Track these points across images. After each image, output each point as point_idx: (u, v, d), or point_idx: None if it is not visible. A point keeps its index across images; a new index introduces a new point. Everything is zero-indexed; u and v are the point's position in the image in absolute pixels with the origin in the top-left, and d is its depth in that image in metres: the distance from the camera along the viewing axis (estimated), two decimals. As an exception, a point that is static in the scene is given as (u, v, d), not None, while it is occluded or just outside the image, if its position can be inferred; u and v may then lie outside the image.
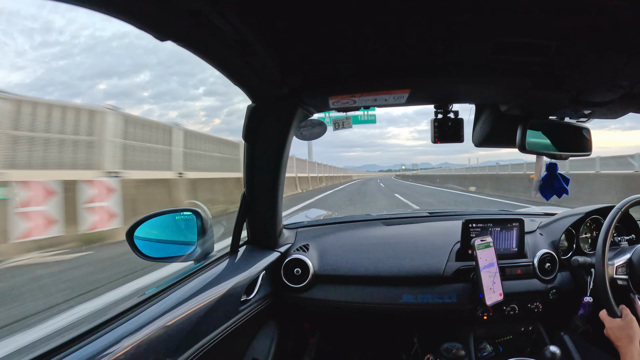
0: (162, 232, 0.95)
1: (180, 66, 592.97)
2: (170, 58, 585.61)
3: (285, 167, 1.02)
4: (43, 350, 0.54)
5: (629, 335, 0.87)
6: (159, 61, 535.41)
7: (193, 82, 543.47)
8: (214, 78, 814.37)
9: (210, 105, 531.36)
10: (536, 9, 0.56)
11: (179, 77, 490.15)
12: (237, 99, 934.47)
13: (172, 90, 60.25)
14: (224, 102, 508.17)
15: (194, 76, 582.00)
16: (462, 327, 1.18)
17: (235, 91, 27.65)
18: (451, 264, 1.13)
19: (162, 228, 0.96)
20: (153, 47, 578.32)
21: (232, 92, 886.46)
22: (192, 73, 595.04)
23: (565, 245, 1.24)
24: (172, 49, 0.87)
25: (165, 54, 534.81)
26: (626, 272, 0.99)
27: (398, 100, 0.91)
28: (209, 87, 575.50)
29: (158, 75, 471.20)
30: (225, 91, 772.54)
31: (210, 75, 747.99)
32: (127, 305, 0.69)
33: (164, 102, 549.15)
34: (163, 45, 0.57)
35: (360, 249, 1.20)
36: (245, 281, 0.93)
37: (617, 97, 0.82)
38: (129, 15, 0.48)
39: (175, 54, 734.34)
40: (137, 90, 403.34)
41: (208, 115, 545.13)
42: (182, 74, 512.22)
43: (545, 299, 1.15)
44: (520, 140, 0.89)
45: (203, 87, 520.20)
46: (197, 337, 0.73)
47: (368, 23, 0.61)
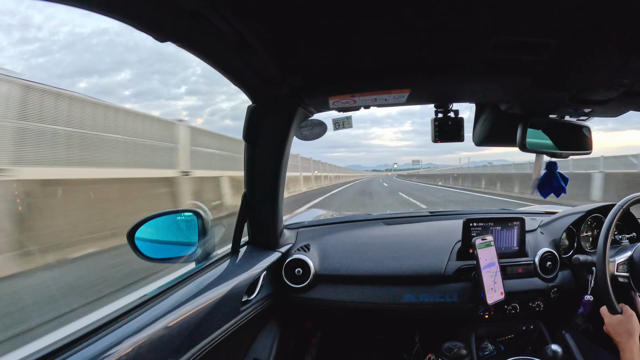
0: (163, 233, 0.95)
1: (161, 64, 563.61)
2: (151, 56, 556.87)
3: (285, 167, 1.02)
4: (45, 352, 0.54)
5: (629, 330, 0.87)
6: (139, 59, 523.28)
7: (175, 80, 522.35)
8: (196, 77, 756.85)
9: (193, 104, 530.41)
10: (536, 8, 0.56)
11: (160, 76, 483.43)
12: (219, 99, 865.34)
13: (154, 89, 58.08)
14: (206, 101, 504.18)
15: (176, 75, 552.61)
16: (464, 326, 1.17)
17: (217, 90, 27.02)
18: (452, 263, 1.13)
19: (163, 229, 0.96)
20: (134, 44, 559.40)
21: (214, 92, 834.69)
22: (173, 72, 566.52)
23: (566, 244, 1.24)
24: (153, 46, 0.84)
25: (146, 52, 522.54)
26: (627, 270, 0.99)
27: (398, 99, 0.91)
28: (191, 86, 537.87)
29: (139, 74, 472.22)
30: (208, 90, 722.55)
31: (192, 74, 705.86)
32: (128, 307, 0.69)
33: (145, 102, 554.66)
34: (143, 43, 0.56)
35: (361, 249, 1.20)
36: (247, 281, 0.93)
37: (617, 95, 0.82)
38: (128, 16, 0.48)
39: (156, 52, 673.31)
40: (119, 89, 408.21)
41: (190, 114, 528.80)
42: (163, 73, 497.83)
43: (547, 298, 1.15)
44: (520, 138, 0.89)
45: (185, 86, 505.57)
46: (198, 337, 0.73)
47: (368, 23, 0.61)
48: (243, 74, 0.75)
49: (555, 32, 0.63)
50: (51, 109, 4.05)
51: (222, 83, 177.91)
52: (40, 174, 3.75)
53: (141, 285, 2.60)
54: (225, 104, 34.23)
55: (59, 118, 4.11)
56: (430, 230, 1.34)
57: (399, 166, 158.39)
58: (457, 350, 1.03)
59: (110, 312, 0.66)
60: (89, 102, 4.55)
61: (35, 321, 1.86)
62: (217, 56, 0.66)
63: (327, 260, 1.16)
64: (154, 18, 0.50)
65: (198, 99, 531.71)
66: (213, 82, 30.43)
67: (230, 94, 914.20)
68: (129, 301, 0.70)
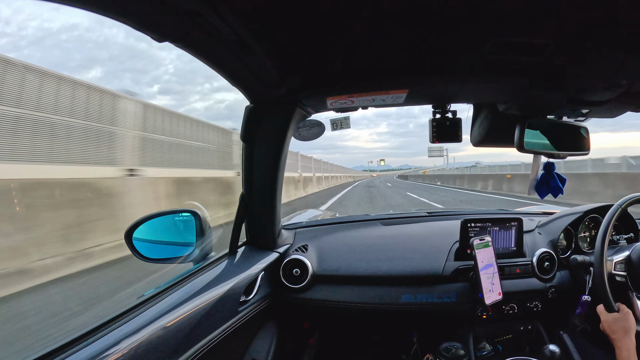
0: (161, 233, 0.95)
1: (132, 62, 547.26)
2: (122, 53, 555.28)
3: (283, 167, 1.02)
4: (43, 352, 0.54)
5: (624, 328, 0.87)
6: (110, 56, 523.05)
7: (147, 79, 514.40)
8: (169, 76, 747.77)
9: (166, 104, 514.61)
10: (534, 9, 0.56)
11: (132, 74, 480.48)
12: (192, 99, 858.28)
13: (126, 88, 53.37)
14: (179, 101, 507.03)
15: (148, 73, 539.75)
16: (462, 326, 1.18)
17: (190, 90, 26.81)
18: (450, 264, 1.13)
19: (161, 229, 0.95)
20: (104, 41, 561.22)
21: (187, 91, 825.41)
22: (145, 70, 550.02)
23: (564, 244, 1.25)
24: (124, 43, 0.82)
25: (117, 49, 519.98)
26: (624, 269, 0.99)
27: (396, 100, 0.92)
28: (164, 85, 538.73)
29: (110, 72, 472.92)
30: (181, 90, 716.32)
31: (164, 73, 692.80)
32: (126, 307, 0.69)
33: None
34: (114, 39, 0.55)
35: (359, 249, 1.20)
36: (245, 282, 0.93)
37: (615, 96, 0.82)
38: (126, 16, 0.48)
39: (127, 49, 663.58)
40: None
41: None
42: (135, 71, 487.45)
43: (544, 298, 1.15)
44: (518, 139, 0.89)
45: (157, 84, 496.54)
46: (196, 338, 0.73)
47: (366, 23, 0.61)
48: (241, 75, 0.75)
49: (552, 33, 0.63)
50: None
51: (196, 83, 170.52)
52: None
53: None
54: (199, 104, 33.05)
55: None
56: (428, 230, 1.34)
57: (365, 168, 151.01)
58: (455, 350, 1.03)
59: (109, 312, 0.66)
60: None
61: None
62: (216, 57, 0.66)
63: (325, 260, 1.16)
64: (153, 18, 0.50)
65: (171, 99, 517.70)
66: (186, 82, 29.92)
67: (204, 93, 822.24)
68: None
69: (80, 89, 3.93)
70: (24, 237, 3.05)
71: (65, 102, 3.73)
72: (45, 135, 3.50)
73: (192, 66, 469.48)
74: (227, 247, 1.03)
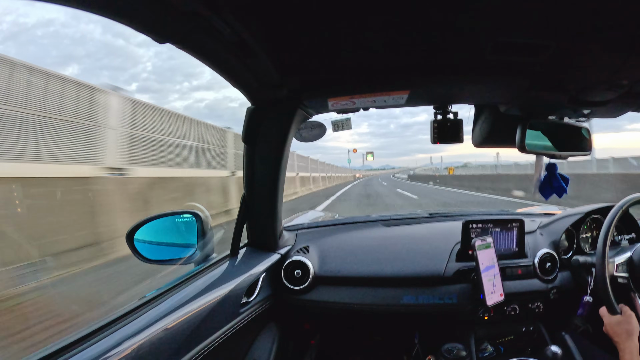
0: (162, 234, 0.95)
1: (110, 59, 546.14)
2: (99, 50, 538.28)
3: (285, 169, 1.02)
4: (44, 354, 0.54)
5: (628, 331, 0.87)
6: (87, 53, 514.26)
7: (124, 77, 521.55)
8: (147, 74, 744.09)
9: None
10: (535, 9, 0.56)
11: (109, 72, 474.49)
12: (172, 97, 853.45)
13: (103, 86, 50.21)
14: (158, 100, 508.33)
15: (125, 71, 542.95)
16: (463, 327, 1.17)
17: (169, 89, 26.48)
18: (451, 265, 1.13)
19: (162, 230, 0.96)
20: (80, 37, 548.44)
21: (166, 90, 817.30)
22: (123, 67, 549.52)
23: (565, 245, 1.24)
24: (100, 39, 0.78)
25: (94, 45, 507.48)
26: (627, 270, 0.98)
27: (397, 101, 0.92)
28: (142, 83, 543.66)
29: (87, 69, 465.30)
30: (160, 88, 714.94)
31: (142, 71, 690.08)
32: (127, 308, 0.68)
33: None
34: (90, 36, 0.54)
35: (361, 251, 1.20)
36: (246, 283, 0.93)
37: (617, 97, 0.82)
38: (127, 17, 0.48)
39: (105, 45, 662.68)
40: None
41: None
42: (112, 68, 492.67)
43: (546, 299, 1.15)
44: (519, 140, 0.89)
45: (135, 83, 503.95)
46: (197, 339, 0.73)
47: (367, 24, 0.61)
48: (242, 76, 0.75)
49: (554, 34, 0.63)
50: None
51: (175, 81, 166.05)
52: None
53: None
54: (179, 103, 33.02)
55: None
56: (429, 231, 1.34)
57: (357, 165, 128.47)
58: (456, 351, 1.02)
59: (110, 314, 0.66)
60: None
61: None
62: (217, 58, 0.66)
63: (327, 262, 1.16)
64: (154, 19, 0.50)
65: (150, 97, 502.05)
66: (165, 80, 29.42)
67: (182, 92, 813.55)
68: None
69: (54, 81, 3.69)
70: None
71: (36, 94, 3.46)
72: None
73: (171, 64, 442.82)
74: (229, 249, 1.03)
